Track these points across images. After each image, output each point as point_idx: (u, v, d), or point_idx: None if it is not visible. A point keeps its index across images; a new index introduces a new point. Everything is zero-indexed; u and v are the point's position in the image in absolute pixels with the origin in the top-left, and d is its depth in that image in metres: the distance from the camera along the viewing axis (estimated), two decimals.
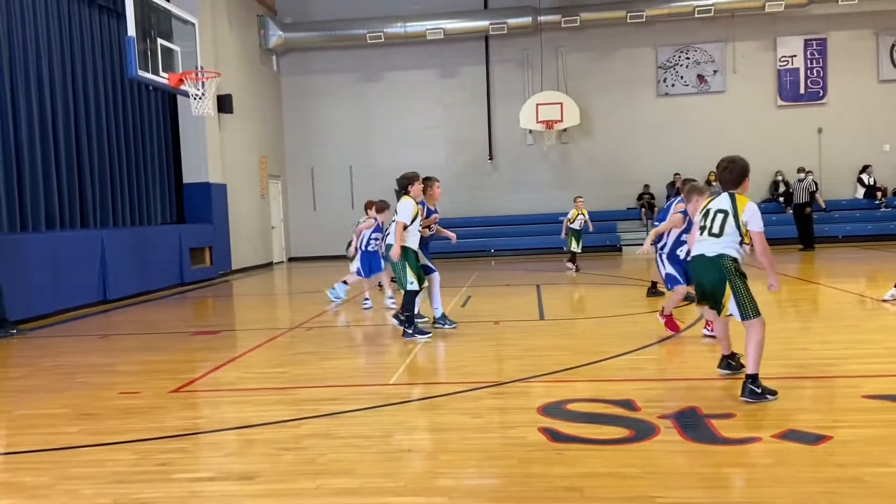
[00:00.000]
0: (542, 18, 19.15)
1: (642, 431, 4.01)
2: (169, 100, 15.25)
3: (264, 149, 19.17)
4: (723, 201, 4.63)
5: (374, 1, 19.78)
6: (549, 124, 19.11)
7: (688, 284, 6.71)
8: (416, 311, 7.49)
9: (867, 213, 18.88)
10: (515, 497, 3.25)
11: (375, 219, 9.71)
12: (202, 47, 12.66)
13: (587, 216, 13.87)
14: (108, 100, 13.36)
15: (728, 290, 4.53)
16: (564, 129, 19.65)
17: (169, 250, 13.67)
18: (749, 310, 4.49)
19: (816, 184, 17.42)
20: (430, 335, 7.24)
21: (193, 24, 12.13)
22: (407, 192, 7.19)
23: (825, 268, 13.46)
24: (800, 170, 17.86)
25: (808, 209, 16.93)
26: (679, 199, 9.19)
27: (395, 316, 7.66)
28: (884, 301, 8.37)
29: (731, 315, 4.61)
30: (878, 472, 3.32)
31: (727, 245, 4.56)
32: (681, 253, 6.78)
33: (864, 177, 19.21)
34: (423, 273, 7.31)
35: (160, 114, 15.21)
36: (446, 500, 3.23)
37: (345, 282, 10.54)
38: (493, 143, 20.44)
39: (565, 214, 14.12)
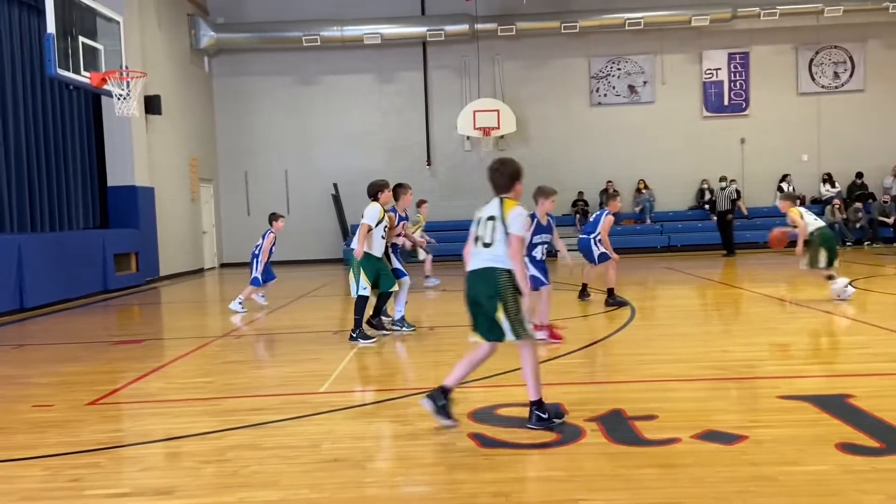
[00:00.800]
0: (479, 26, 19.31)
1: (569, 435, 4.06)
2: (93, 100, 14.64)
3: (195, 151, 18.62)
4: (492, 207, 4.21)
5: (311, 3, 19.50)
6: (486, 131, 19.27)
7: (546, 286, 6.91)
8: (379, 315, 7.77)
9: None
10: None
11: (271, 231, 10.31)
12: (128, 46, 12.22)
13: None
14: (26, 98, 12.73)
15: (499, 308, 4.06)
16: (501, 136, 19.85)
17: (92, 256, 13.08)
18: (520, 328, 4.09)
19: (739, 192, 18.12)
20: (375, 341, 7.23)
21: (118, 23, 11.70)
22: (376, 199, 7.39)
23: (747, 272, 14.01)
24: (722, 178, 18.54)
25: (730, 216, 17.60)
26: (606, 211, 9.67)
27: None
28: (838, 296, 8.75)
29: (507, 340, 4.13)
30: (790, 470, 3.44)
31: (499, 257, 4.11)
32: (536, 254, 6.90)
33: (784, 185, 20.10)
34: (392, 276, 7.56)
35: (83, 114, 14.58)
36: None
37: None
38: (431, 148, 20.47)
39: None
